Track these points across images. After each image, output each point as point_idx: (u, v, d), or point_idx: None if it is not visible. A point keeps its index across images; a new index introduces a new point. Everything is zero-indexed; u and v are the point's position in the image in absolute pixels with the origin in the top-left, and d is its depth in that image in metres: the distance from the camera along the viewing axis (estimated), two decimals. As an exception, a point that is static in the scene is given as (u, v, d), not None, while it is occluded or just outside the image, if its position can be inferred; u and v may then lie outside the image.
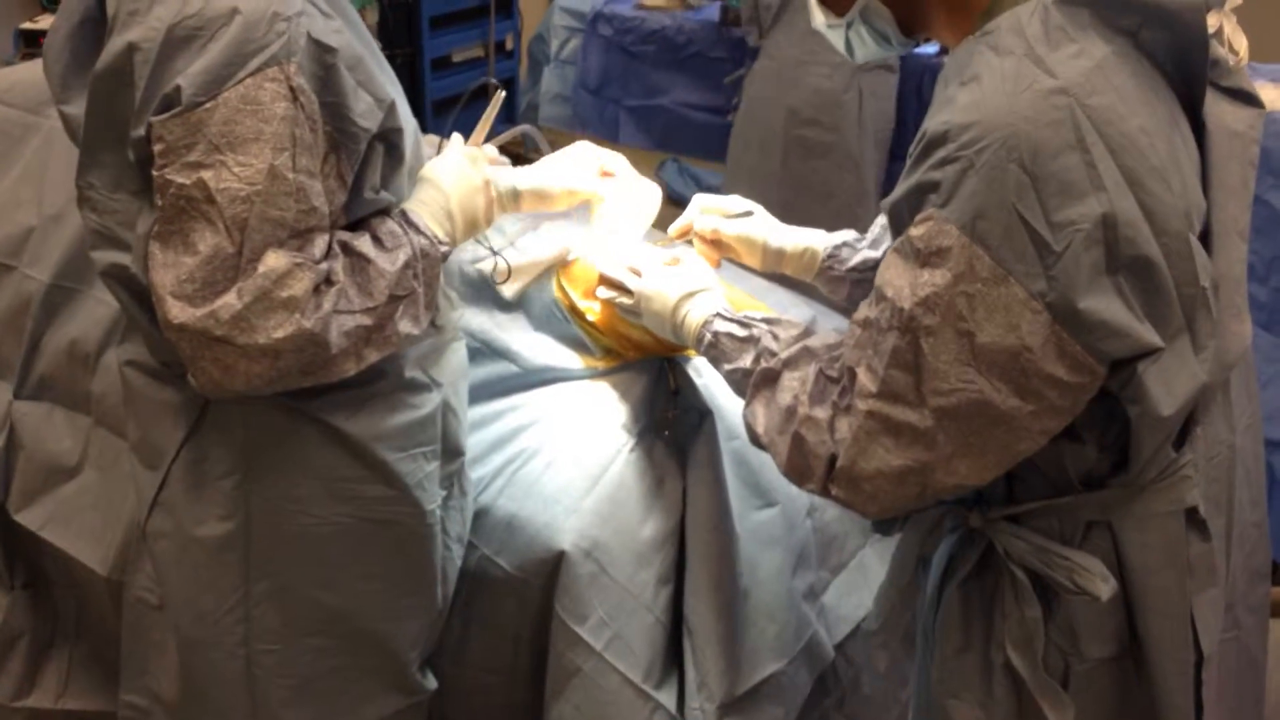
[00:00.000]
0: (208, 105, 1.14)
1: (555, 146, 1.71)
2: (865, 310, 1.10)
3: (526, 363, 1.64)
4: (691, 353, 1.57)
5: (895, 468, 1.07)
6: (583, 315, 1.61)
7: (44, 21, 3.61)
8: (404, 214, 1.31)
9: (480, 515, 1.54)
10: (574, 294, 1.62)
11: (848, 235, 1.56)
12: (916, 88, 3.22)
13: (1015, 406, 1.02)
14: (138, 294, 1.25)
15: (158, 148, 1.15)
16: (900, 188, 1.07)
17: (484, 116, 1.48)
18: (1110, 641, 1.13)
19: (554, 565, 1.49)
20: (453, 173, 1.39)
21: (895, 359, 1.05)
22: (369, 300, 1.23)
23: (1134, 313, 1.00)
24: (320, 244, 1.20)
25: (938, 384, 1.03)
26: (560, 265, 1.66)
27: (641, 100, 3.61)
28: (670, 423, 1.58)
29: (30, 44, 3.49)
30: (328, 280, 1.21)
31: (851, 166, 3.17)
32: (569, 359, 1.65)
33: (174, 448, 1.33)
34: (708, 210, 1.58)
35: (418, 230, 1.30)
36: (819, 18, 1.27)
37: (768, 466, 1.59)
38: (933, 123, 1.04)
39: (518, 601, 1.53)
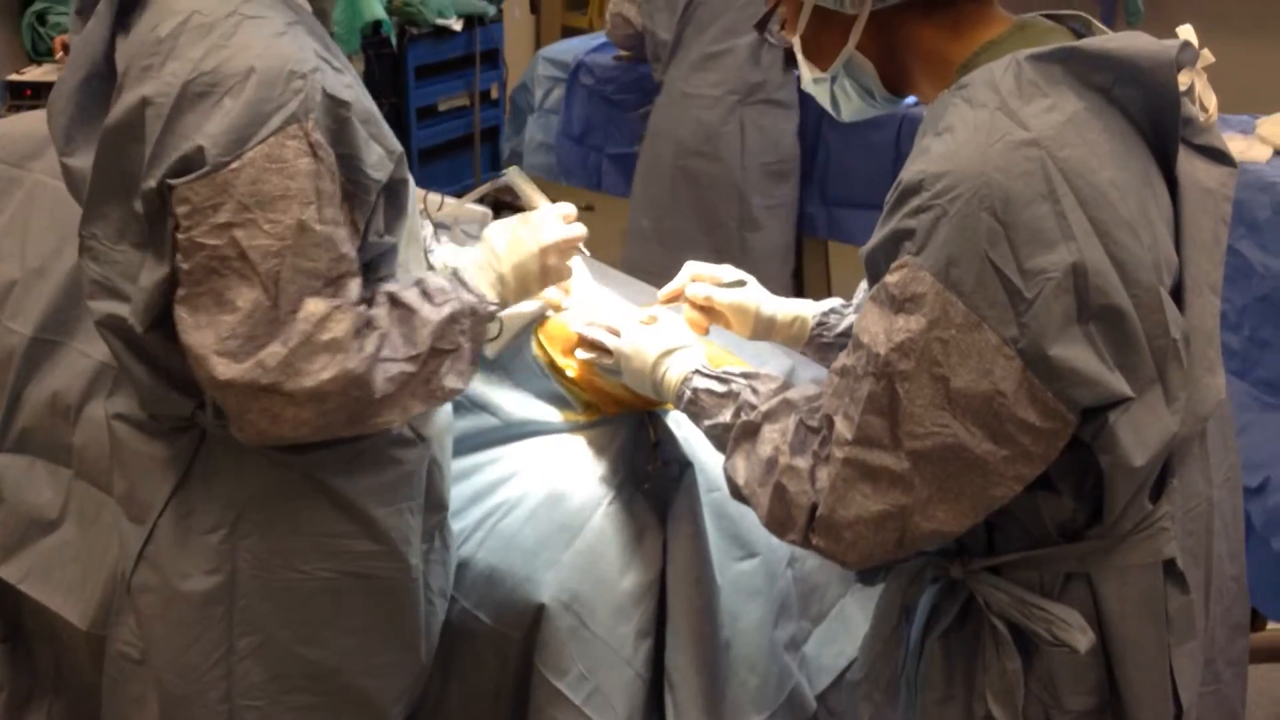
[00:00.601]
0: (234, 165, 1.16)
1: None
2: (843, 359, 1.11)
3: (507, 416, 1.64)
4: (671, 407, 1.58)
5: (874, 513, 1.07)
6: (562, 371, 1.62)
7: (31, 73, 3.62)
8: (455, 273, 1.36)
9: (460, 568, 1.54)
10: (553, 351, 1.63)
11: (834, 302, 1.57)
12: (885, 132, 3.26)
13: (989, 451, 1.03)
14: (132, 345, 1.27)
15: (182, 209, 1.17)
16: (876, 236, 1.08)
17: (527, 190, 1.51)
18: (1090, 694, 1.13)
19: (533, 618, 1.49)
20: (507, 236, 1.45)
21: (871, 404, 1.06)
22: (412, 349, 1.26)
23: (1105, 362, 1.02)
24: (354, 288, 1.23)
25: (913, 427, 1.04)
26: (538, 322, 1.67)
27: (623, 148, 3.64)
28: (650, 475, 1.58)
29: (16, 96, 3.49)
30: (369, 324, 1.24)
31: (735, 197, 3.26)
32: (549, 413, 1.65)
33: (161, 501, 1.34)
34: (699, 278, 1.59)
35: (467, 288, 1.34)
36: (807, 74, 1.28)
37: (748, 518, 1.59)
38: (908, 172, 1.06)
39: (498, 655, 1.53)
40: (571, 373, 1.61)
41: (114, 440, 1.38)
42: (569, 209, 1.53)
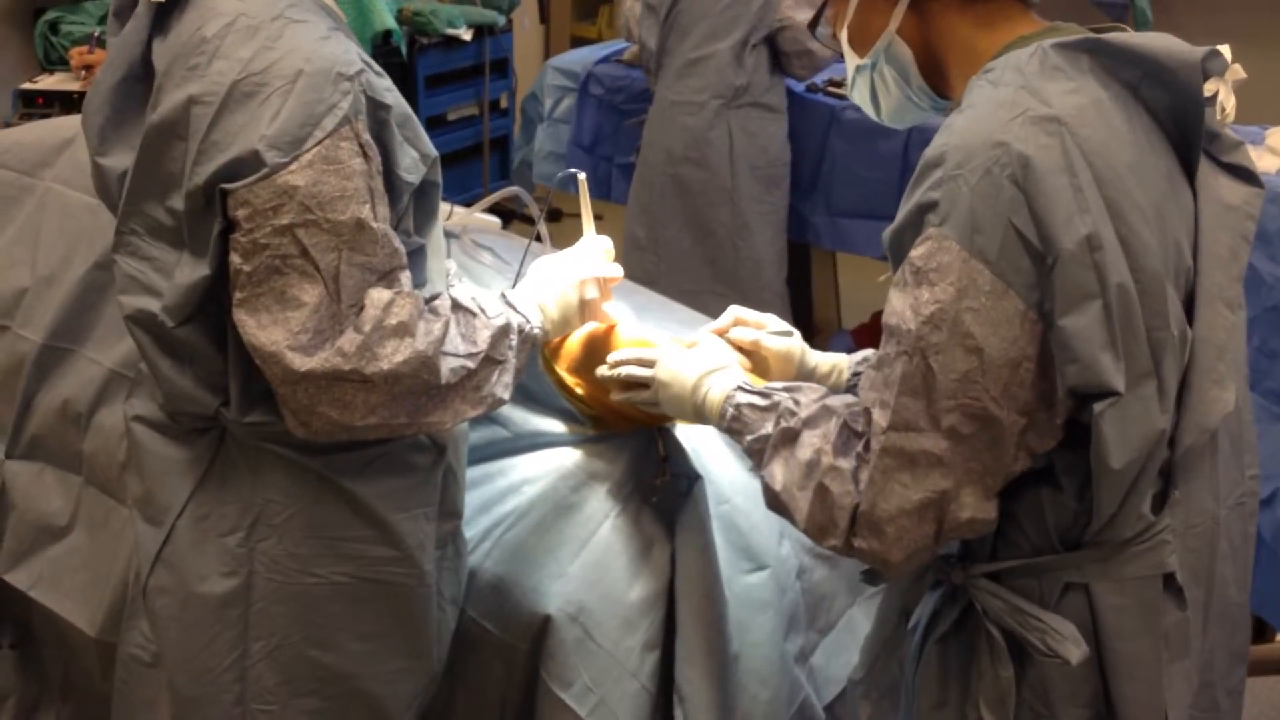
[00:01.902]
0: (293, 168, 1.19)
1: (550, 205, 1.73)
2: (876, 354, 1.12)
3: (516, 428, 1.64)
4: (681, 422, 1.56)
5: (915, 503, 1.07)
6: (571, 390, 1.61)
7: (43, 82, 3.63)
8: (503, 295, 1.40)
9: (468, 577, 1.54)
10: (559, 369, 1.62)
11: (868, 353, 1.55)
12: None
13: (1014, 422, 1.05)
14: (161, 340, 1.29)
15: (242, 212, 1.20)
16: (899, 215, 1.10)
17: (583, 208, 1.52)
18: (1085, 707, 1.13)
19: (540, 629, 1.49)
20: (549, 268, 1.49)
21: (905, 385, 1.06)
22: (473, 346, 1.30)
23: (1110, 346, 1.02)
24: (405, 280, 1.27)
25: (946, 403, 1.04)
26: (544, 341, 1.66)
27: (630, 158, 3.66)
28: (658, 489, 1.58)
29: (29, 104, 3.50)
30: (433, 311, 1.28)
31: (725, 201, 3.27)
32: (557, 427, 1.65)
33: (179, 504, 1.35)
34: (743, 322, 1.54)
35: (515, 309, 1.39)
36: (851, 64, 1.29)
37: (757, 530, 1.59)
38: (930, 148, 1.08)
39: (504, 665, 1.53)
40: (580, 390, 1.61)
41: (132, 442, 1.40)
42: (608, 245, 1.55)
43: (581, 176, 1.57)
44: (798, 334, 1.56)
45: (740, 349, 1.52)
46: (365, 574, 1.37)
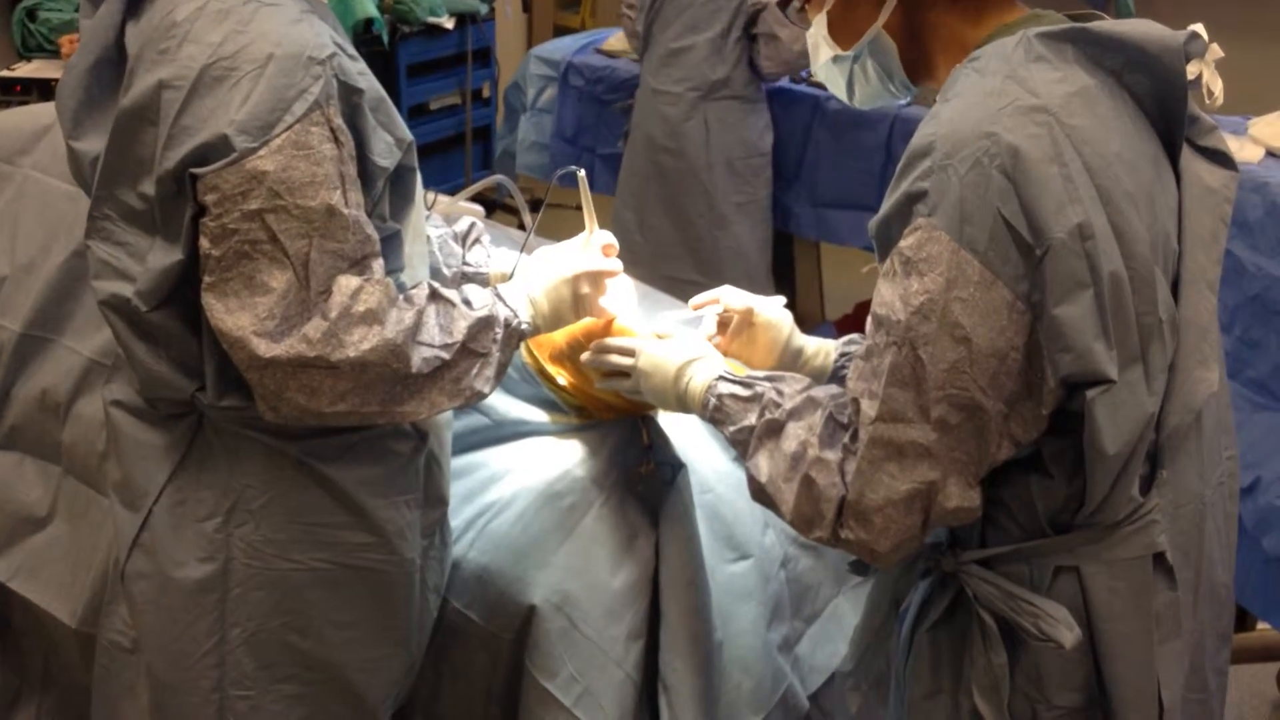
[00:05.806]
0: (262, 153, 1.18)
1: (532, 195, 1.73)
2: (864, 344, 1.12)
3: (499, 416, 1.64)
4: (662, 410, 1.56)
5: (902, 493, 1.07)
6: (552, 379, 1.61)
7: (21, 69, 3.60)
8: (495, 289, 1.40)
9: (452, 568, 1.54)
10: (541, 358, 1.62)
11: (854, 336, 1.55)
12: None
13: (999, 411, 1.05)
14: (135, 325, 1.29)
15: (211, 197, 1.19)
16: (886, 204, 1.09)
17: (584, 205, 1.51)
18: (1078, 691, 1.13)
19: (524, 619, 1.49)
20: (543, 262, 1.48)
21: (894, 375, 1.06)
22: (448, 337, 1.29)
23: (1103, 335, 1.03)
24: (378, 267, 1.26)
25: (935, 393, 1.05)
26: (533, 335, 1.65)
27: (613, 148, 3.65)
28: (643, 478, 1.58)
29: (6, 92, 3.47)
30: (407, 300, 1.27)
31: (701, 193, 3.29)
32: (540, 416, 1.65)
33: (156, 489, 1.34)
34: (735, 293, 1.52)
35: (504, 303, 1.38)
36: (826, 53, 1.28)
37: (741, 519, 1.60)
38: (917, 137, 1.08)
39: (489, 655, 1.53)
40: (563, 380, 1.60)
41: (111, 427, 1.39)
42: (609, 240, 1.53)
43: (581, 174, 1.56)
44: (789, 314, 1.54)
45: (729, 318, 1.49)
46: (344, 560, 1.36)
